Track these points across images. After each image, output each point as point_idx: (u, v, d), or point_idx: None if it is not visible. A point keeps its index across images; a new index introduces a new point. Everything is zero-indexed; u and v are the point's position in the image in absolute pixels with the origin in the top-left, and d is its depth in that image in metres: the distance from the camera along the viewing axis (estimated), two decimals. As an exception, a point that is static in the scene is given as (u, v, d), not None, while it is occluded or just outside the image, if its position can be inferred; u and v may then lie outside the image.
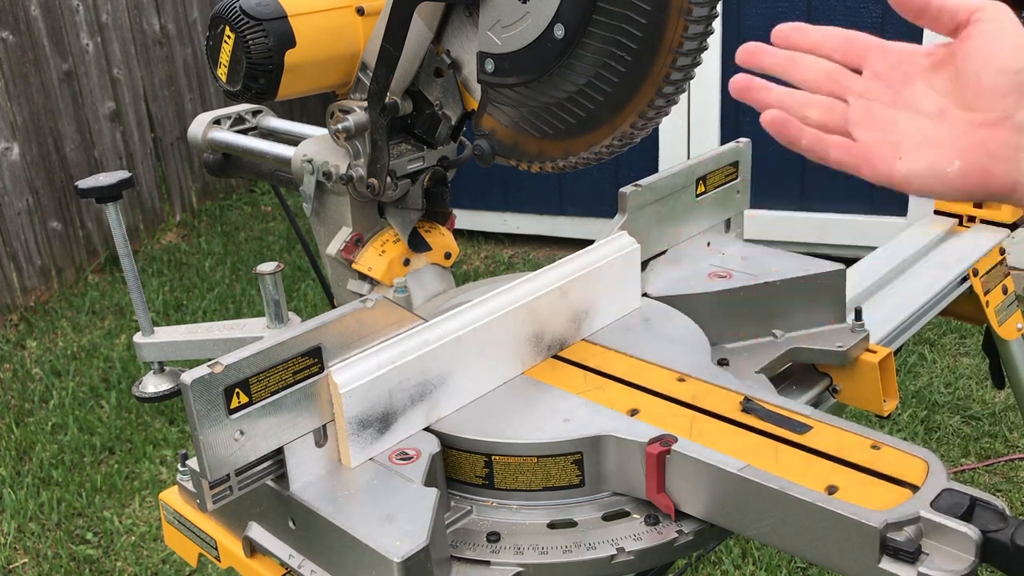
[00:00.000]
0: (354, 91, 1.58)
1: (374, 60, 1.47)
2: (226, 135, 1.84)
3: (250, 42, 1.44)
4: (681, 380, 1.33)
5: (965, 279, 2.05)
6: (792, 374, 1.60)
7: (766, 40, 0.97)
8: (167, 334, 1.64)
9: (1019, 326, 2.20)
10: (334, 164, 1.58)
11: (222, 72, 1.51)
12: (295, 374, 1.15)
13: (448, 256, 1.72)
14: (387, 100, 1.51)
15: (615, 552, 1.14)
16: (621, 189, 1.53)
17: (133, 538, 3.17)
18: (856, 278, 1.94)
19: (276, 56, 1.45)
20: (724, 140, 3.54)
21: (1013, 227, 2.17)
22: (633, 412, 1.26)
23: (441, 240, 1.71)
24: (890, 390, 1.55)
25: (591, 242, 1.50)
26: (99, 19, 5.14)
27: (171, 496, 1.40)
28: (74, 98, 5.01)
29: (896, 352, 1.67)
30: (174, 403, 3.64)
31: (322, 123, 1.64)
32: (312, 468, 1.19)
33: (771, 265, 1.62)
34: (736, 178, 1.71)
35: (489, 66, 1.41)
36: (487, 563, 1.14)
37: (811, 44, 0.96)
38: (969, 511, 1.02)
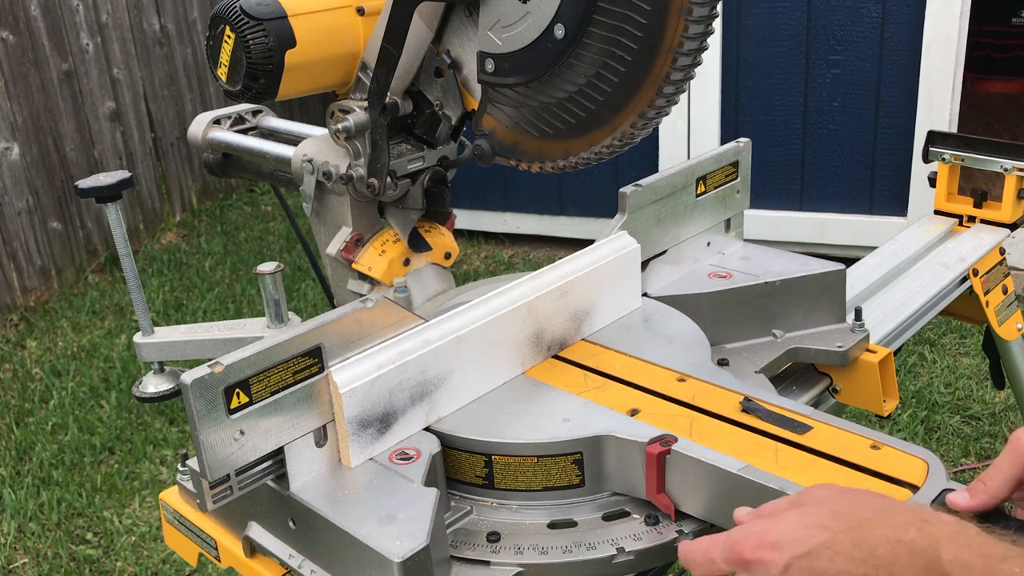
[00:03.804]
0: (354, 91, 1.57)
1: (374, 60, 1.47)
2: (226, 135, 1.83)
3: (250, 42, 1.44)
4: (681, 380, 1.33)
5: (965, 279, 2.05)
6: (792, 374, 1.60)
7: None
8: (167, 334, 1.64)
9: (1019, 326, 2.20)
10: (334, 164, 1.58)
11: (222, 72, 1.51)
12: (295, 374, 1.15)
13: (448, 256, 1.72)
14: (387, 100, 1.50)
15: (615, 552, 1.14)
16: (621, 189, 1.53)
17: (133, 538, 3.17)
18: (856, 278, 1.94)
19: (276, 56, 1.45)
20: (724, 140, 3.54)
21: (1013, 227, 2.17)
22: (633, 412, 1.26)
23: (441, 240, 1.71)
24: (890, 390, 1.55)
25: (591, 242, 1.50)
26: (99, 19, 5.14)
27: (171, 496, 1.40)
28: (74, 98, 5.01)
29: (896, 352, 1.67)
30: (174, 403, 3.64)
31: (322, 123, 1.64)
32: (312, 468, 1.19)
33: (771, 265, 1.62)
34: (736, 178, 1.71)
35: (489, 66, 1.41)
36: (487, 563, 1.14)
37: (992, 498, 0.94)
38: (969, 511, 1.02)
